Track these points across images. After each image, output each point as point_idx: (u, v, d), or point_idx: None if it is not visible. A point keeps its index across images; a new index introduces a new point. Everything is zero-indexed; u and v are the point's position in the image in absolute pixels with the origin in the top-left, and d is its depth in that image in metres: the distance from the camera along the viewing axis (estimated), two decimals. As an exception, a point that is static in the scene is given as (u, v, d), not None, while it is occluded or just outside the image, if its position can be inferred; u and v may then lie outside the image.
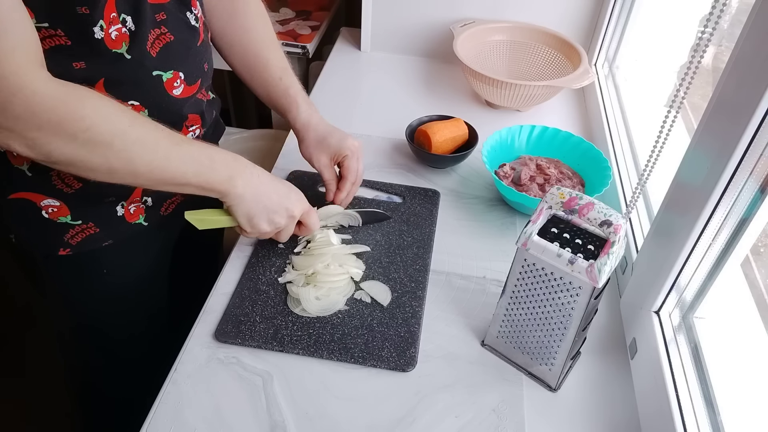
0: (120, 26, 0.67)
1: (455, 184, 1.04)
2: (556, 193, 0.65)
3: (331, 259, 0.84)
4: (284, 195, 0.79)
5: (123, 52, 0.68)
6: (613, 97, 1.20)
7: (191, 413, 0.68)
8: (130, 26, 0.68)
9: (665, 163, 0.73)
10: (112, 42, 0.66)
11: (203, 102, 0.84)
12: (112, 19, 0.65)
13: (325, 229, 0.90)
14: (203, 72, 0.81)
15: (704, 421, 0.62)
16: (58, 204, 0.75)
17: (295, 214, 0.80)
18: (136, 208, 0.82)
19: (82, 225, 0.78)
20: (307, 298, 0.78)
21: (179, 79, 0.76)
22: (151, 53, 0.71)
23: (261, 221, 0.77)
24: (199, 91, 0.81)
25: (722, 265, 0.67)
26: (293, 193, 0.80)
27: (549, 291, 0.66)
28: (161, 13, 0.72)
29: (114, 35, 0.66)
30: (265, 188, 0.76)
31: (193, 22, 0.77)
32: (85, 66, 0.66)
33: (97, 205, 0.78)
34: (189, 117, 0.80)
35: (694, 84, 0.65)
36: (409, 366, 0.73)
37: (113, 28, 0.66)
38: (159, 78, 0.73)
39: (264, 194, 0.76)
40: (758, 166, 0.59)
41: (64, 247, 0.79)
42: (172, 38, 0.74)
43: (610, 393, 0.74)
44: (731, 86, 0.60)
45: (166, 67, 0.74)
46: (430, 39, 1.41)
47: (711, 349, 0.68)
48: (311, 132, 0.90)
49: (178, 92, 0.77)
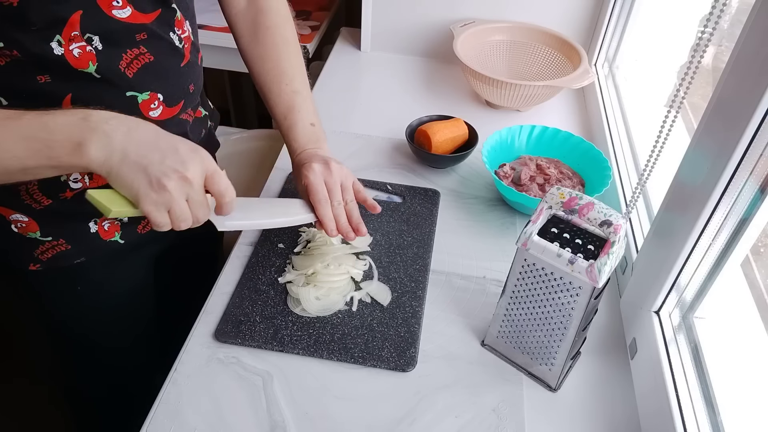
0: (84, 44, 0.63)
1: (455, 184, 1.04)
2: (556, 193, 0.65)
3: (331, 259, 0.83)
4: (168, 149, 0.59)
5: (91, 71, 0.65)
6: (613, 97, 1.20)
7: (191, 413, 0.68)
8: (96, 45, 0.64)
9: (665, 163, 0.73)
10: (75, 60, 0.63)
11: (188, 122, 0.80)
12: (74, 36, 0.62)
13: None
14: (188, 93, 0.78)
15: (704, 421, 0.62)
16: (26, 219, 0.73)
17: (187, 173, 0.59)
18: (110, 225, 0.79)
19: (53, 241, 0.75)
20: (307, 298, 0.78)
21: (157, 101, 0.72)
22: (127, 73, 0.68)
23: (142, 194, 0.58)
24: (183, 112, 0.78)
25: (722, 265, 0.67)
26: (183, 145, 0.60)
27: (549, 291, 0.66)
28: (142, 33, 0.68)
29: (77, 53, 0.63)
30: (136, 146, 0.57)
31: (176, 43, 0.73)
32: (50, 80, 0.63)
33: (68, 221, 0.75)
34: None
35: (694, 84, 0.65)
36: (409, 366, 0.73)
37: (75, 45, 0.62)
38: (133, 99, 0.70)
39: (137, 153, 0.57)
40: (758, 166, 0.59)
41: (33, 263, 0.76)
42: (152, 59, 0.70)
43: (610, 393, 0.74)
44: (731, 86, 0.60)
45: (143, 88, 0.70)
46: (430, 39, 1.41)
47: (711, 349, 0.68)
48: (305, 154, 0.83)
49: (156, 114, 0.73)
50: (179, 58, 0.75)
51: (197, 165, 0.60)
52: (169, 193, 0.58)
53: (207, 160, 0.62)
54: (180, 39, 0.74)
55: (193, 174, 0.59)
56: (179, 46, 0.74)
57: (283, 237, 0.90)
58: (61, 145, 0.56)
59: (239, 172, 1.59)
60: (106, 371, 0.98)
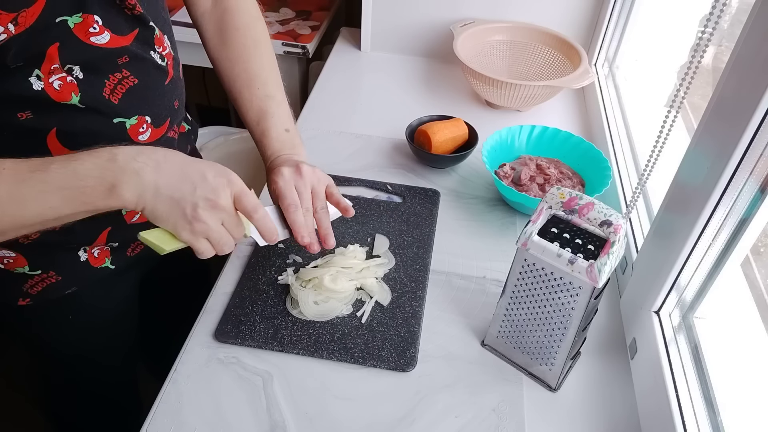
0: (64, 75, 0.61)
1: (455, 184, 1.04)
2: (556, 193, 0.65)
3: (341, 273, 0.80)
4: (198, 178, 0.60)
5: (75, 103, 0.62)
6: (613, 97, 1.20)
7: (191, 413, 0.68)
8: (77, 75, 0.62)
9: (665, 163, 0.73)
10: (56, 93, 0.61)
11: (174, 140, 0.79)
12: (53, 69, 0.60)
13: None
14: (173, 110, 0.76)
15: (704, 421, 0.62)
16: (14, 255, 0.71)
17: (219, 200, 0.60)
18: (100, 252, 0.77)
19: (42, 274, 0.73)
20: (305, 301, 0.78)
21: (145, 124, 0.70)
22: (112, 100, 0.66)
23: (179, 227, 0.60)
24: (169, 130, 0.76)
25: (722, 265, 0.67)
26: (211, 171, 0.61)
27: (549, 291, 0.66)
28: (123, 56, 0.66)
29: (57, 85, 0.61)
30: (166, 179, 0.58)
31: (159, 61, 0.71)
32: (32, 116, 0.61)
33: (56, 252, 0.73)
34: None
35: (694, 84, 0.65)
36: (409, 366, 0.73)
37: (55, 77, 0.60)
38: (122, 125, 0.68)
39: (168, 187, 0.58)
40: (758, 166, 0.59)
41: (23, 298, 0.75)
42: (136, 81, 0.68)
43: (610, 393, 0.74)
44: (731, 86, 0.60)
45: (130, 113, 0.68)
46: (430, 39, 1.41)
47: (711, 349, 0.68)
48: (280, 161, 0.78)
49: (145, 137, 0.71)
50: (163, 77, 0.72)
51: (226, 190, 0.61)
52: (204, 222, 0.60)
53: (235, 181, 0.63)
54: (162, 57, 0.71)
55: (225, 201, 0.61)
56: (162, 64, 0.71)
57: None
58: (94, 190, 0.56)
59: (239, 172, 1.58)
60: (93, 387, 0.97)
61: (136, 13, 0.65)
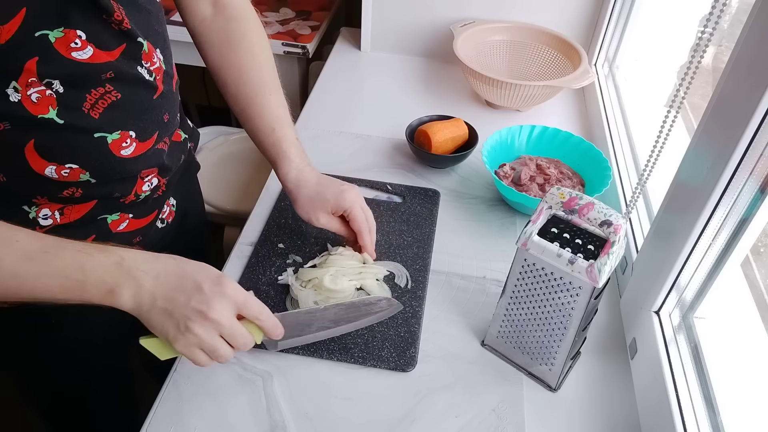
0: (43, 88, 0.59)
1: (455, 184, 1.04)
2: (556, 193, 0.65)
3: (335, 271, 0.80)
4: (192, 290, 0.59)
5: (52, 116, 0.61)
6: (613, 97, 1.20)
7: (191, 413, 0.68)
8: (57, 88, 0.60)
9: (665, 163, 0.73)
10: (33, 106, 0.59)
11: (163, 151, 0.76)
12: (31, 82, 0.59)
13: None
14: (162, 124, 0.74)
15: (704, 421, 0.62)
16: None
17: (211, 314, 0.59)
18: None
19: None
20: (305, 302, 0.78)
21: (129, 138, 0.69)
22: (92, 114, 0.64)
23: (171, 338, 0.59)
24: (158, 142, 0.74)
25: (722, 265, 0.67)
26: (207, 282, 0.60)
27: (549, 291, 0.66)
28: (108, 72, 0.64)
29: (35, 98, 0.59)
30: (163, 290, 0.58)
31: (146, 77, 0.69)
32: (9, 126, 0.60)
33: None
34: (142, 171, 0.73)
35: (694, 84, 0.65)
36: (409, 366, 0.73)
37: (33, 90, 0.59)
38: (102, 140, 0.66)
39: (164, 298, 0.58)
40: (758, 166, 0.59)
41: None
42: (119, 96, 0.66)
43: (610, 393, 0.74)
44: (731, 86, 0.60)
45: (112, 128, 0.66)
46: (430, 39, 1.41)
47: (711, 349, 0.68)
48: (303, 191, 0.82)
49: (128, 152, 0.69)
50: (151, 91, 0.71)
51: (221, 301, 0.60)
52: (195, 335, 0.59)
53: (233, 290, 0.61)
54: (150, 72, 0.69)
55: (218, 313, 0.59)
56: (150, 80, 0.69)
57: (283, 237, 0.90)
58: (95, 288, 0.57)
59: (239, 172, 1.59)
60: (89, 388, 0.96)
61: (124, 28, 0.64)
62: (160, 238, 0.84)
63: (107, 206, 0.74)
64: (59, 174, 0.65)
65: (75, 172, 0.66)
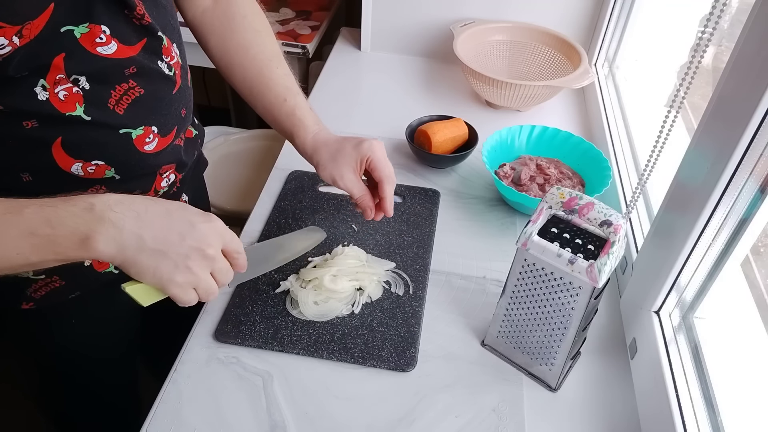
0: (70, 86, 0.60)
1: (455, 184, 1.04)
2: (556, 193, 0.65)
3: (337, 271, 0.80)
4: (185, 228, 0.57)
5: (80, 114, 0.62)
6: (613, 97, 1.20)
7: (191, 413, 0.68)
8: (83, 85, 0.61)
9: (665, 163, 0.73)
10: (61, 103, 0.60)
11: (180, 147, 0.78)
12: (59, 80, 0.59)
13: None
14: (180, 119, 0.75)
15: (704, 421, 0.62)
16: None
17: (209, 250, 0.58)
18: None
19: (46, 279, 0.73)
20: (305, 302, 0.78)
21: (152, 134, 0.70)
22: (117, 111, 0.65)
23: (166, 280, 0.57)
24: (176, 138, 0.75)
25: (722, 265, 0.67)
26: (197, 218, 0.59)
27: (549, 291, 0.66)
28: (131, 67, 0.65)
29: (63, 95, 0.60)
30: (150, 231, 0.55)
31: (166, 71, 0.70)
32: (37, 125, 0.60)
33: None
34: (162, 167, 0.75)
35: (694, 84, 0.65)
36: (409, 366, 0.73)
37: (61, 87, 0.59)
38: (127, 136, 0.67)
39: (154, 239, 0.55)
40: (758, 166, 0.59)
41: (26, 301, 0.74)
42: (143, 92, 0.67)
43: (610, 393, 0.74)
44: (731, 86, 0.60)
45: (136, 123, 0.67)
46: (430, 39, 1.41)
47: (711, 349, 0.68)
48: (324, 151, 0.80)
49: (151, 147, 0.70)
50: (171, 86, 0.72)
51: (215, 236, 0.59)
52: (194, 274, 0.58)
53: (221, 225, 0.61)
54: (169, 66, 0.70)
55: (214, 249, 0.59)
56: (169, 74, 0.71)
57: (283, 237, 0.90)
58: (66, 239, 0.53)
59: (239, 172, 1.59)
60: (94, 388, 0.96)
61: (145, 23, 0.65)
62: None
63: None
64: (85, 171, 0.66)
65: (100, 169, 0.67)
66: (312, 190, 0.99)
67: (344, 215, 0.94)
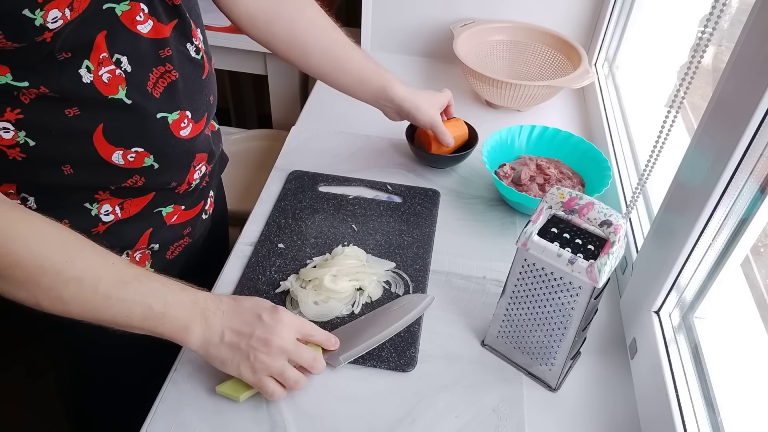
0: (113, 67, 0.61)
1: (455, 184, 1.04)
2: (556, 193, 0.65)
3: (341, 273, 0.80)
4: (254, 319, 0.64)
5: (121, 97, 0.62)
6: (613, 97, 1.20)
7: (191, 413, 0.68)
8: (125, 67, 0.62)
9: (665, 163, 0.73)
10: (105, 86, 0.60)
11: (210, 137, 0.79)
12: (102, 59, 0.60)
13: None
14: (209, 105, 0.76)
15: (704, 421, 0.62)
16: None
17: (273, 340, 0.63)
18: (141, 255, 0.77)
19: None
20: (305, 302, 0.78)
21: (186, 119, 0.70)
22: (154, 94, 0.66)
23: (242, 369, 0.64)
24: (206, 126, 0.76)
25: (722, 265, 0.67)
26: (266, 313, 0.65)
27: (549, 291, 0.66)
28: (165, 48, 0.66)
29: (106, 78, 0.60)
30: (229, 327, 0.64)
31: (194, 54, 0.71)
32: (79, 112, 0.61)
33: None
34: (196, 156, 0.75)
35: (694, 84, 0.65)
36: (409, 366, 0.73)
37: (104, 69, 0.60)
38: (164, 120, 0.68)
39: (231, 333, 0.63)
40: (758, 166, 0.59)
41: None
42: (177, 76, 0.68)
43: (610, 393, 0.74)
44: (731, 86, 0.60)
45: (172, 107, 0.68)
46: (430, 39, 1.41)
47: (711, 349, 0.68)
48: (419, 97, 0.94)
49: (186, 132, 0.71)
50: (200, 71, 0.73)
51: (281, 327, 0.65)
52: (262, 362, 0.64)
53: (288, 315, 0.66)
54: (197, 50, 0.72)
55: (280, 338, 0.64)
56: (197, 58, 0.72)
57: (283, 237, 0.90)
58: (171, 322, 0.61)
59: (239, 172, 1.59)
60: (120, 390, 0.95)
61: (176, 3, 0.66)
62: (203, 229, 0.88)
63: (162, 198, 0.75)
64: (125, 159, 0.66)
65: (140, 156, 0.67)
66: (312, 190, 0.99)
67: (344, 215, 0.94)
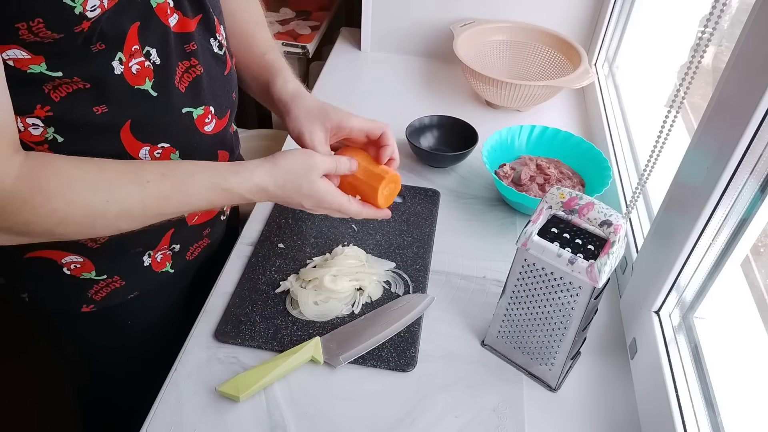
0: (143, 59, 0.61)
1: (455, 184, 1.04)
2: (556, 193, 0.65)
3: (341, 273, 0.81)
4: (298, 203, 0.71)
5: (147, 88, 0.63)
6: (613, 97, 1.20)
7: (191, 413, 0.68)
8: (154, 59, 0.62)
9: (665, 163, 0.73)
10: (132, 77, 0.61)
11: (232, 136, 0.79)
12: (134, 51, 0.60)
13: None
14: (232, 102, 0.76)
15: (704, 421, 0.62)
16: (82, 260, 0.70)
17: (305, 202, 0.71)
18: (163, 256, 0.78)
19: (107, 279, 0.73)
20: (305, 302, 0.78)
21: (210, 114, 0.71)
22: (180, 89, 0.66)
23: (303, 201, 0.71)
24: (229, 123, 0.76)
25: (722, 265, 0.67)
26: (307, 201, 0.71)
27: (549, 291, 0.66)
28: (191, 43, 0.66)
29: (135, 69, 0.61)
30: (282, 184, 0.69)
31: (216, 50, 0.71)
32: (107, 109, 0.61)
33: (123, 257, 0.73)
34: (219, 154, 0.76)
35: (694, 84, 0.65)
36: (409, 366, 0.73)
37: (134, 61, 0.60)
38: (189, 115, 0.68)
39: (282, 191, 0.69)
40: (758, 166, 0.59)
41: (87, 304, 0.74)
42: (202, 71, 0.68)
43: (610, 393, 0.74)
44: (731, 86, 0.60)
45: (197, 102, 0.68)
46: (430, 39, 1.41)
47: (711, 349, 0.68)
48: (300, 102, 0.76)
49: (210, 128, 0.71)
50: (223, 67, 0.73)
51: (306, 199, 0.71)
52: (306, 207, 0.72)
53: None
54: (220, 45, 0.72)
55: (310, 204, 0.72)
56: (220, 54, 0.72)
57: (283, 237, 0.90)
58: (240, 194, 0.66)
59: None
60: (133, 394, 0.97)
61: None
62: (220, 231, 0.89)
63: None
64: (152, 156, 0.66)
65: (166, 152, 0.67)
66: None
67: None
